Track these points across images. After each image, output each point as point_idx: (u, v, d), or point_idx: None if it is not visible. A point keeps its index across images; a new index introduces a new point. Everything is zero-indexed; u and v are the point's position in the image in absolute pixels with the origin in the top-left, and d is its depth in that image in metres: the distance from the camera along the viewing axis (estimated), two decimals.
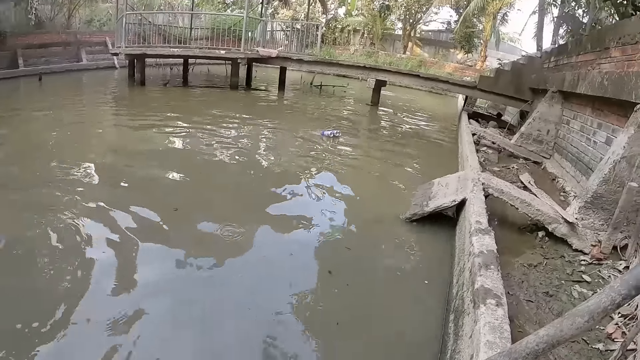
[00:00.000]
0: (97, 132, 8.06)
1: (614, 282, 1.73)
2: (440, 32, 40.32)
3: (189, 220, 4.72)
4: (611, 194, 4.59)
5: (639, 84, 4.88)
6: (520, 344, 1.87)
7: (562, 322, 1.77)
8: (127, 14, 14.41)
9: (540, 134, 8.98)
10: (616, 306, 1.68)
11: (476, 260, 3.18)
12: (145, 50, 13.94)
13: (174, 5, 29.54)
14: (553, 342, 1.76)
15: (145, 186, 5.60)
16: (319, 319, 3.37)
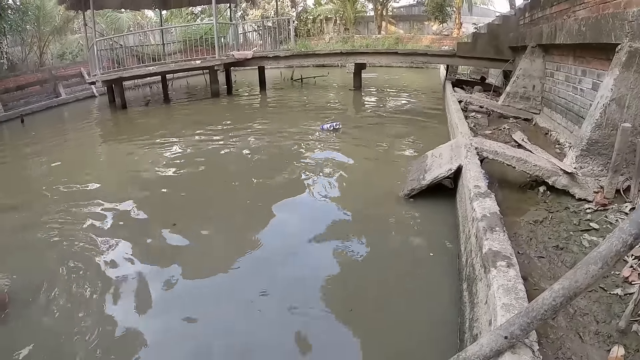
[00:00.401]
0: (88, 160, 7.99)
1: (623, 223, 1.67)
2: (412, 7, 40.00)
3: (190, 232, 4.68)
4: (606, 138, 4.54)
5: (617, 24, 4.82)
6: (536, 302, 1.82)
7: (576, 273, 1.72)
8: (97, 41, 14.26)
9: (526, 90, 8.92)
10: (629, 247, 1.63)
11: (480, 225, 3.12)
12: (121, 73, 13.81)
13: (143, 24, 29.37)
14: (570, 295, 1.71)
15: (142, 203, 5.55)
16: (334, 304, 3.35)
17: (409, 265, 3.93)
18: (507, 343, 1.85)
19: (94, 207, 5.40)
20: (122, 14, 24.51)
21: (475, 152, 4.94)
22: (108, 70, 14.21)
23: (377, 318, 3.19)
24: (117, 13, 23.88)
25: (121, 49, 16.25)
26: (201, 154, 7.77)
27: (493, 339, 1.89)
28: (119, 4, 18.86)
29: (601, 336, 2.39)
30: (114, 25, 23.33)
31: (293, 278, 3.76)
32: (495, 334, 1.89)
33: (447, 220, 4.70)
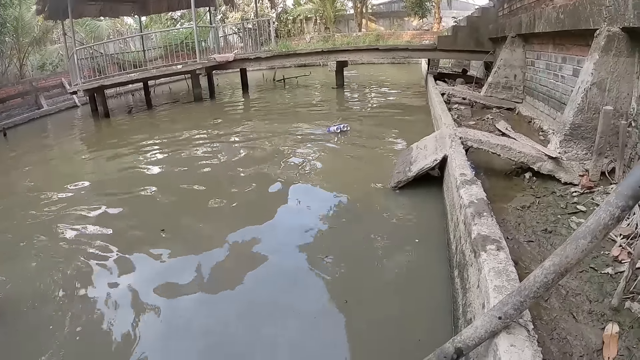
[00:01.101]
0: (73, 170, 7.89)
1: (609, 196, 1.68)
2: (392, 3, 40.22)
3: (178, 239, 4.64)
4: (588, 121, 4.59)
5: (594, 10, 4.87)
6: (528, 280, 1.82)
7: (566, 248, 1.73)
8: (77, 50, 14.09)
9: (508, 80, 8.99)
10: (616, 220, 1.64)
11: (468, 211, 3.14)
12: (103, 81, 13.62)
13: (123, 31, 29.15)
14: (561, 271, 1.72)
15: (131, 210, 5.50)
16: (327, 300, 3.35)
17: (398, 255, 3.93)
18: (501, 323, 1.85)
19: (78, 218, 5.34)
20: (101, 22, 24.34)
21: (460, 141, 4.97)
22: (89, 79, 14.06)
23: (370, 310, 3.19)
24: (96, 21, 23.71)
25: (102, 57, 16.09)
26: (186, 158, 7.70)
27: (487, 320, 1.89)
28: (98, 12, 18.67)
29: (595, 315, 2.40)
30: (94, 33, 23.16)
31: (286, 270, 3.78)
32: (489, 315, 1.89)
33: (434, 209, 4.73)
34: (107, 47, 18.72)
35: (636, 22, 3.96)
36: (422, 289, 3.40)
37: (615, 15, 4.40)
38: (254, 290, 3.55)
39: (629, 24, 4.11)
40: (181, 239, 4.57)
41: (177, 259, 4.17)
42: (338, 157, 7.20)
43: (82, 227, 5.04)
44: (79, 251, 4.41)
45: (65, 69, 18.46)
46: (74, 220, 5.27)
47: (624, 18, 4.19)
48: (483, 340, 1.92)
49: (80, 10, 16.75)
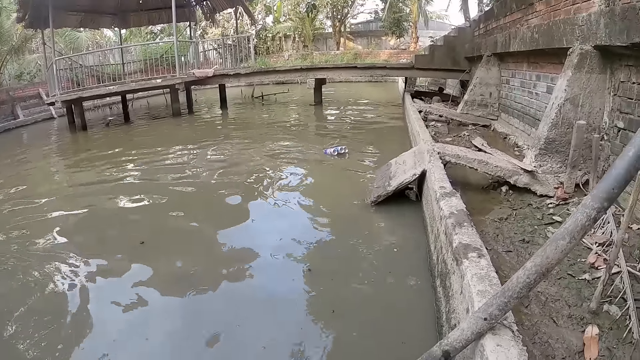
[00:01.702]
0: (47, 182, 7.77)
1: (585, 199, 1.77)
2: (370, 23, 40.75)
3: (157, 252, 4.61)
4: (562, 136, 4.75)
5: (567, 29, 5.07)
6: (511, 282, 1.89)
7: (546, 249, 1.80)
8: (56, 60, 13.95)
9: (484, 98, 9.20)
10: (592, 221, 1.73)
11: (449, 222, 3.21)
12: (81, 93, 13.45)
13: (102, 43, 28.96)
14: (542, 271, 1.79)
15: (107, 223, 5.44)
16: (312, 310, 3.36)
17: (380, 267, 3.98)
18: (487, 325, 1.91)
19: (51, 229, 5.27)
20: (81, 33, 24.15)
21: (438, 156, 5.07)
22: (67, 90, 13.90)
23: (351, 323, 3.22)
24: (76, 32, 23.52)
25: (80, 69, 15.97)
26: (162, 174, 7.63)
27: (473, 322, 1.95)
28: (78, 22, 18.61)
29: (574, 319, 2.49)
30: (73, 44, 22.94)
31: (270, 288, 3.76)
32: (475, 317, 1.95)
33: (413, 222, 4.81)
34: (86, 58, 18.57)
35: (608, 40, 4.13)
36: (404, 299, 3.45)
37: (587, 34, 4.58)
38: (229, 307, 3.55)
39: (601, 42, 4.28)
40: (161, 252, 4.55)
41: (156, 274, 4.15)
42: (315, 173, 7.22)
43: (52, 239, 4.98)
44: (50, 261, 4.36)
45: (43, 79, 18.23)
46: (47, 232, 5.20)
47: (596, 36, 4.37)
48: (470, 342, 1.97)
49: (61, 20, 16.67)
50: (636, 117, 3.93)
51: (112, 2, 18.44)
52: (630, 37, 3.69)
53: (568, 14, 5.37)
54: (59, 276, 4.09)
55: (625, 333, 2.33)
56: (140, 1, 18.89)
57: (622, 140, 4.16)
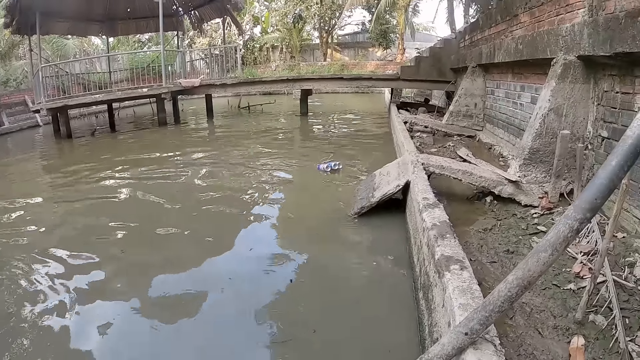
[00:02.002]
0: (29, 191, 7.60)
1: (568, 210, 1.73)
2: (357, 34, 41.11)
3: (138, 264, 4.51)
4: (546, 146, 4.74)
5: (551, 40, 5.09)
6: (492, 295, 1.84)
7: (528, 262, 1.75)
8: (43, 67, 13.80)
9: (469, 108, 9.23)
10: (575, 232, 1.68)
11: (431, 234, 3.16)
12: (67, 101, 13.29)
13: (89, 51, 28.81)
14: (524, 284, 1.74)
15: (88, 234, 5.32)
16: (295, 329, 3.27)
17: (362, 280, 3.92)
18: (468, 339, 1.85)
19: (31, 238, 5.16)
20: (68, 40, 24.06)
21: (422, 167, 5.03)
22: (53, 98, 13.75)
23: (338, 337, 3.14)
24: (64, 39, 23.42)
25: (67, 76, 15.81)
26: (147, 184, 7.52)
27: (454, 337, 1.89)
28: (66, 29, 18.53)
29: (560, 329, 2.45)
30: (60, 51, 22.84)
31: (248, 303, 3.66)
32: (456, 332, 1.89)
33: (396, 234, 4.75)
34: (73, 66, 18.41)
35: (591, 50, 4.14)
36: (387, 311, 3.39)
37: (571, 45, 4.59)
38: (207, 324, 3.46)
39: (584, 52, 4.29)
40: (142, 263, 4.45)
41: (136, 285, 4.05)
42: (299, 185, 7.17)
43: (33, 247, 4.85)
44: (31, 273, 4.24)
45: (30, 86, 18.05)
46: (28, 241, 5.08)
47: (580, 47, 4.38)
48: (450, 357, 1.91)
49: (48, 26, 16.60)
50: (620, 126, 3.93)
51: (100, 9, 18.35)
52: (614, 46, 3.69)
53: (552, 24, 5.39)
54: (32, 281, 3.98)
55: (611, 343, 2.30)
56: (128, 9, 18.88)
57: (606, 149, 4.16)
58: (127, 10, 18.87)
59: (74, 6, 16.75)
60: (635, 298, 2.65)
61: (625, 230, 3.54)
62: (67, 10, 16.72)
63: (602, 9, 4.17)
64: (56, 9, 15.71)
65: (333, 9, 33.93)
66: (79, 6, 17.01)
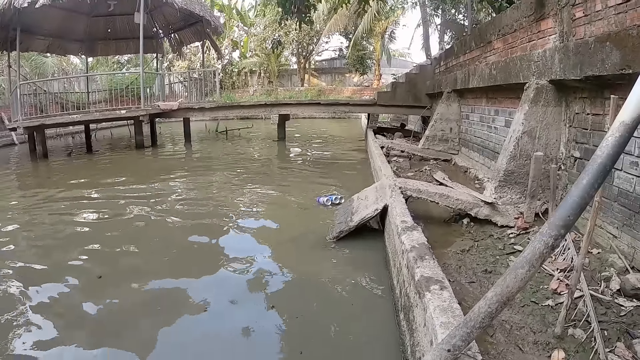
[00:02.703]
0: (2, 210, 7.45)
1: (543, 227, 1.79)
2: (334, 60, 41.63)
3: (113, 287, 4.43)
4: (521, 167, 4.86)
5: (524, 65, 5.27)
6: (473, 312, 1.87)
7: (506, 279, 1.80)
8: (20, 85, 13.62)
9: (444, 133, 9.40)
10: (550, 249, 1.73)
11: (410, 255, 3.20)
12: (44, 120, 13.06)
13: (68, 70, 28.56)
14: (503, 300, 1.78)
15: (62, 259, 5.22)
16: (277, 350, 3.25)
17: (343, 302, 3.91)
18: (450, 356, 1.88)
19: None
20: (47, 58, 23.81)
21: (400, 191, 5.08)
22: (30, 116, 13.57)
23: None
24: (43, 57, 23.18)
25: (45, 95, 15.63)
26: (122, 208, 7.39)
27: (437, 354, 1.91)
28: (46, 47, 18.28)
29: (540, 345, 2.50)
30: (39, 69, 22.60)
31: (226, 329, 3.61)
32: (439, 349, 1.92)
33: (376, 256, 4.76)
34: (52, 84, 18.23)
35: (562, 75, 4.30)
36: (368, 334, 3.38)
37: (543, 69, 4.75)
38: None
39: (556, 76, 4.45)
40: (116, 287, 4.37)
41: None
42: (277, 210, 7.11)
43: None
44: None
45: (6, 103, 17.74)
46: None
47: (551, 71, 4.54)
48: None
49: (28, 43, 16.45)
50: (591, 146, 4.06)
51: (81, 28, 18.28)
52: (584, 70, 3.84)
53: (524, 50, 5.57)
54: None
55: (591, 355, 2.37)
56: (109, 30, 18.84)
57: (579, 169, 4.29)
58: (108, 30, 18.84)
59: (55, 24, 16.67)
60: (612, 310, 2.73)
61: (600, 246, 3.65)
62: (48, 27, 16.62)
63: (572, 35, 4.34)
64: (37, 25, 15.63)
65: (311, 35, 34.38)
66: (60, 24, 16.95)
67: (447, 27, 17.49)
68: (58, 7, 15.52)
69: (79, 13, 17.32)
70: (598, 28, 3.87)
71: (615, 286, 2.94)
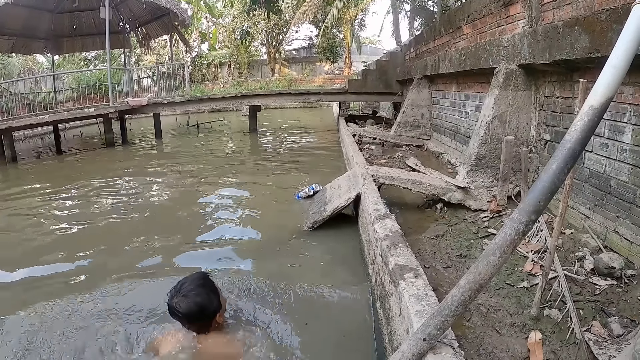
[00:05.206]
0: None
1: (513, 213, 1.78)
2: (304, 49, 41.41)
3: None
4: (492, 151, 4.89)
5: (493, 50, 5.29)
6: (447, 300, 1.86)
7: (478, 266, 1.78)
8: None
9: (416, 119, 9.43)
10: (522, 234, 1.72)
11: (384, 244, 3.18)
12: (11, 123, 12.66)
13: (34, 70, 27.85)
14: (476, 287, 1.77)
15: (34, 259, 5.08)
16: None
17: (320, 292, 3.86)
18: (426, 345, 1.86)
19: None
20: (12, 58, 23.19)
21: (372, 179, 5.07)
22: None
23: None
24: (7, 57, 22.56)
25: (11, 97, 15.18)
26: (95, 208, 7.25)
27: (413, 343, 1.90)
28: (10, 47, 17.78)
29: (517, 327, 2.53)
30: (4, 70, 21.99)
31: None
32: (414, 339, 1.90)
33: (351, 245, 4.73)
34: (17, 85, 17.71)
35: (531, 59, 4.32)
36: (345, 323, 3.35)
37: (512, 54, 4.78)
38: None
39: (525, 61, 4.48)
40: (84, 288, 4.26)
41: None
42: (252, 201, 7.03)
43: None
44: None
45: None
46: None
47: (521, 56, 4.57)
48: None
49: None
50: (562, 129, 4.10)
51: (45, 26, 17.83)
52: (553, 54, 3.86)
53: (494, 35, 5.60)
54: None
55: (568, 334, 2.40)
56: (74, 26, 18.42)
57: (549, 151, 4.34)
58: (73, 27, 18.42)
59: (18, 22, 16.29)
60: (587, 290, 2.77)
61: (572, 227, 3.70)
62: (11, 26, 16.23)
63: (541, 20, 4.37)
64: (0, 25, 15.28)
65: (280, 25, 34.10)
66: (24, 22, 16.56)
67: (417, 13, 17.50)
68: (21, 5, 15.17)
69: (43, 10, 16.97)
70: (567, 12, 3.90)
71: (589, 266, 2.97)
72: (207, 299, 2.66)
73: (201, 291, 2.67)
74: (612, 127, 3.32)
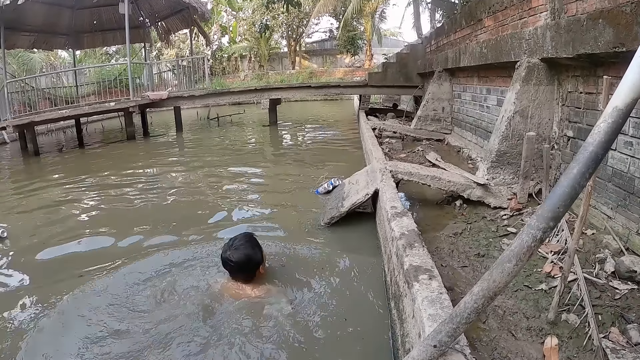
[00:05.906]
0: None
1: (531, 219, 1.70)
2: (325, 41, 41.35)
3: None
4: (513, 147, 4.78)
5: (515, 43, 5.16)
6: (459, 307, 1.80)
7: (492, 273, 1.72)
8: (8, 83, 13.45)
9: (437, 112, 9.30)
10: (539, 242, 1.65)
11: (399, 243, 3.12)
12: (33, 118, 12.91)
13: (56, 65, 28.24)
14: (490, 295, 1.71)
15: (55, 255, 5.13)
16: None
17: (337, 288, 3.82)
18: (437, 351, 1.82)
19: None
20: (34, 54, 23.54)
21: (390, 175, 4.99)
22: (19, 115, 13.39)
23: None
24: (30, 53, 22.91)
25: (33, 92, 15.42)
26: (117, 201, 7.35)
27: (423, 349, 1.85)
28: (31, 43, 18.00)
29: (533, 331, 2.46)
30: (26, 66, 22.33)
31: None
32: (425, 345, 1.85)
33: (369, 242, 4.65)
34: (40, 81, 17.96)
35: (554, 53, 4.19)
36: (361, 323, 3.30)
37: (534, 47, 4.65)
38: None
39: (547, 54, 4.35)
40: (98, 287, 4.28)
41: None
42: (271, 195, 7.02)
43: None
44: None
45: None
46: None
47: (543, 49, 4.44)
48: None
49: (13, 40, 16.26)
50: (585, 125, 3.98)
51: (66, 22, 17.98)
52: (576, 48, 3.74)
53: (515, 28, 5.45)
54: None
55: (585, 341, 2.32)
56: (94, 22, 18.55)
57: (572, 148, 4.21)
58: (94, 22, 18.54)
59: (39, 19, 16.41)
60: (607, 294, 2.67)
61: (594, 227, 3.58)
62: (32, 23, 16.37)
63: (564, 12, 4.23)
64: (21, 22, 15.44)
65: (300, 17, 34.02)
66: (45, 19, 16.67)
67: (438, 5, 17.23)
68: (41, 2, 15.34)
69: (63, 7, 17.09)
70: (590, 5, 3.76)
71: (609, 268, 2.86)
72: (253, 252, 3.41)
73: (248, 245, 3.43)
74: (637, 124, 3.19)
